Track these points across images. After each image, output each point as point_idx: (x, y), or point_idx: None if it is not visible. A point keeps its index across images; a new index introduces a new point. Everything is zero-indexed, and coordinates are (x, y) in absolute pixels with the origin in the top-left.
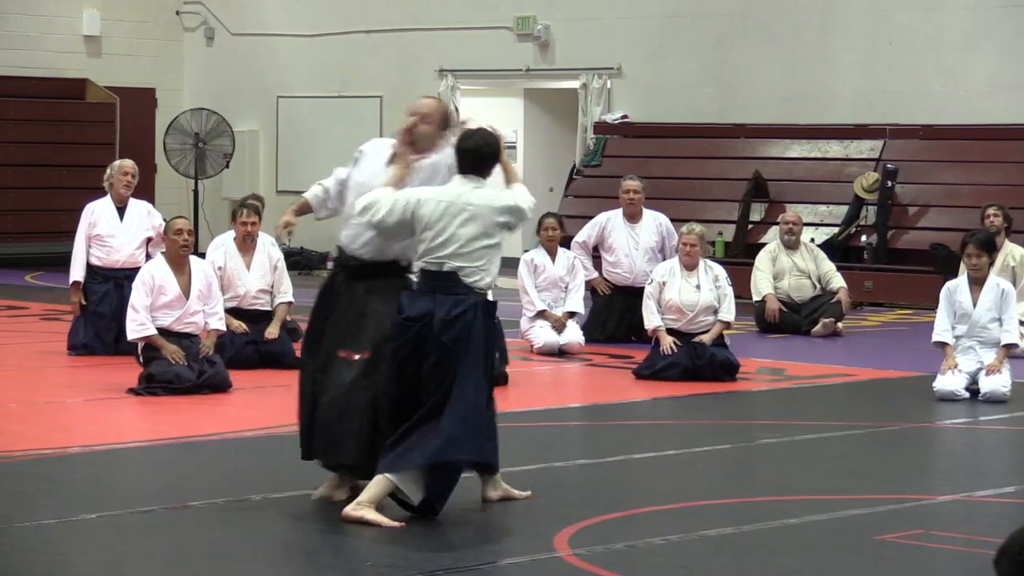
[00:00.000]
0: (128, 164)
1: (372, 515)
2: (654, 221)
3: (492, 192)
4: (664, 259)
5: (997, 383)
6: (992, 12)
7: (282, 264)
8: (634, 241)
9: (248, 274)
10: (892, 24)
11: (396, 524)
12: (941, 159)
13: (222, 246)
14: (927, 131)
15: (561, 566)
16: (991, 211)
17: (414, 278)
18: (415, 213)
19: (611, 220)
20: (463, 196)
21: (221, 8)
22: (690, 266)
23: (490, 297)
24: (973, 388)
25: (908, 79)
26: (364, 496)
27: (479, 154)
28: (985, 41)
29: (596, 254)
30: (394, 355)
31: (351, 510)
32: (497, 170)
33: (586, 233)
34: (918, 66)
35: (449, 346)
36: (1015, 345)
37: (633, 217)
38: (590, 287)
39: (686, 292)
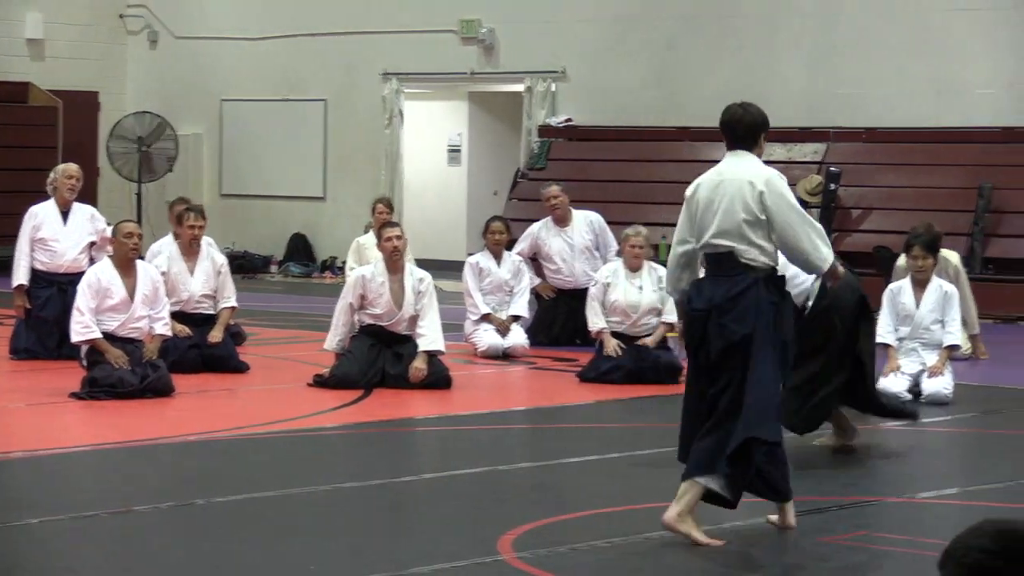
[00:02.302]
0: (72, 168)
1: (697, 534)
2: (585, 220)
3: (749, 166)
4: (601, 256)
5: (939, 385)
6: (935, 16)
7: (226, 269)
8: (568, 244)
9: (192, 279)
10: (836, 28)
11: (716, 543)
12: (884, 162)
13: (165, 251)
14: (870, 134)
15: (505, 569)
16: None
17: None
18: (687, 201)
19: (542, 228)
20: (724, 172)
21: (165, 11)
22: (635, 268)
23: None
24: (916, 390)
25: (852, 83)
26: (683, 507)
27: (748, 126)
28: (928, 45)
29: (540, 261)
30: (689, 342)
31: (674, 522)
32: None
33: (519, 246)
34: (862, 70)
35: (734, 329)
36: (957, 347)
37: (562, 221)
38: (534, 292)
39: (630, 293)
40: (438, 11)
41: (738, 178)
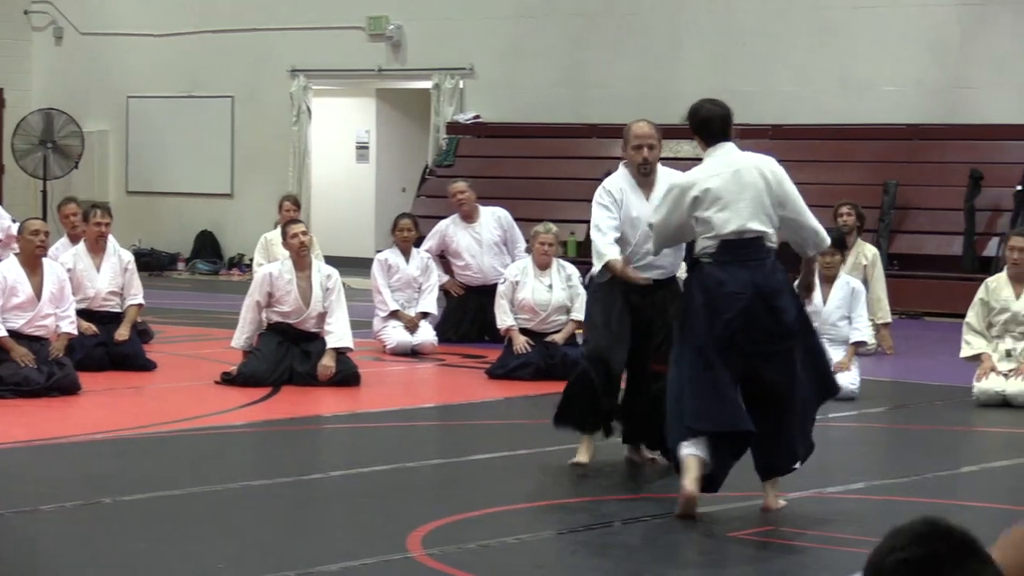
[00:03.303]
0: None
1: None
2: (492, 216)
3: (748, 155)
4: (509, 252)
5: (846, 381)
6: (839, 13)
7: (132, 266)
8: (476, 240)
9: (98, 276)
10: (741, 25)
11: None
12: (791, 159)
13: (62, 253)
14: (776, 131)
15: (414, 566)
16: (844, 209)
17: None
18: (696, 201)
19: (450, 225)
20: (735, 163)
21: (70, 7)
22: (544, 265)
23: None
24: None
25: (757, 79)
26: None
27: (724, 119)
28: (833, 42)
29: (448, 258)
30: (727, 327)
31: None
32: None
33: (427, 243)
34: (767, 66)
35: (790, 313)
36: (864, 343)
37: (469, 217)
38: (443, 289)
39: (539, 292)
40: (345, 7)
41: (754, 166)
